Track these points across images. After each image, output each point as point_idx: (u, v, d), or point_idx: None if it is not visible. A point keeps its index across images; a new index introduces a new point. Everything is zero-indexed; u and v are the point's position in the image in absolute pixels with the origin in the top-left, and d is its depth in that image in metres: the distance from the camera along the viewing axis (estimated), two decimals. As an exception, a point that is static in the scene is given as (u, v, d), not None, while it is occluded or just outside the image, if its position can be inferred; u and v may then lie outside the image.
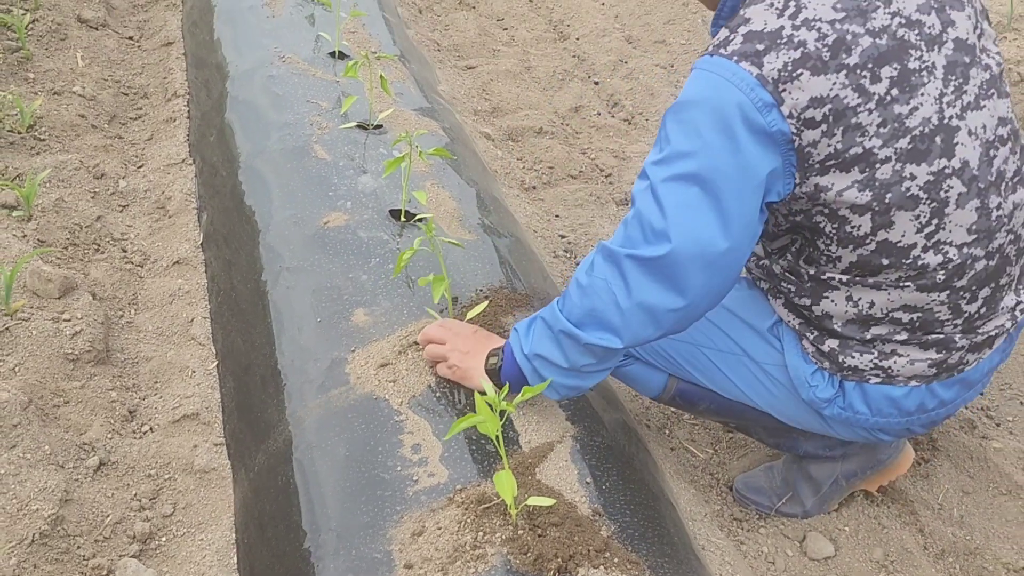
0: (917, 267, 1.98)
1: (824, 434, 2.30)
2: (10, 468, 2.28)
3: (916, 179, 1.91)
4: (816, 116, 1.85)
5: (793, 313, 2.19)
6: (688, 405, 2.37)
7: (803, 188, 1.93)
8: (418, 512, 1.99)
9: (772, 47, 1.86)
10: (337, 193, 2.91)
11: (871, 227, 1.95)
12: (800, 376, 2.17)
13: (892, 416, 2.15)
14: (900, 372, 2.10)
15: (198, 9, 4.37)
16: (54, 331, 2.68)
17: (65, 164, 3.42)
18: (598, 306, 1.98)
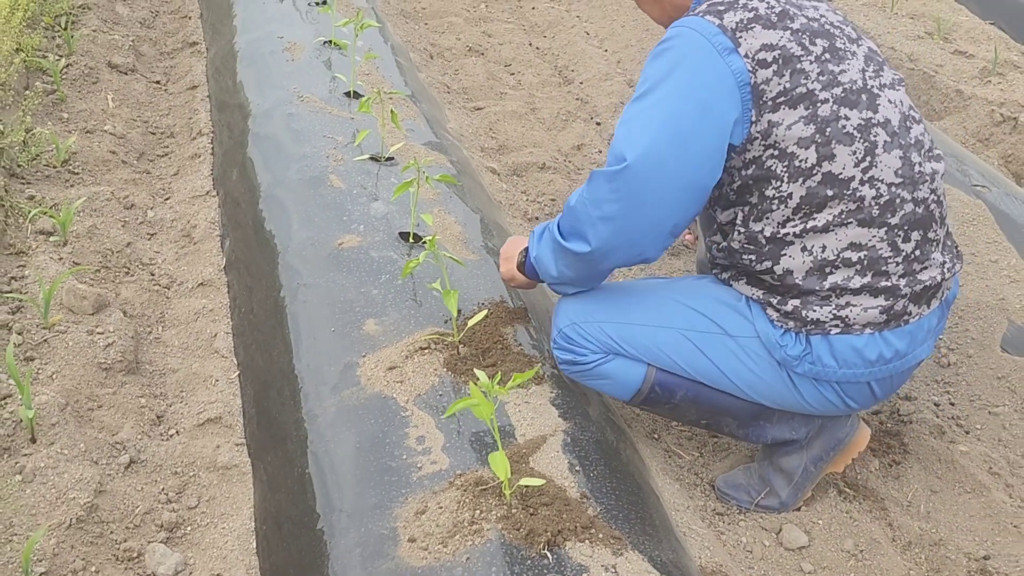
0: (856, 198, 2.30)
1: (793, 409, 2.51)
2: (49, 462, 2.49)
3: (850, 120, 2.29)
4: (767, 58, 2.26)
5: (756, 287, 2.44)
6: (666, 396, 2.50)
7: (758, 127, 2.28)
8: (421, 494, 2.19)
9: (731, 8, 2.32)
10: (351, 218, 3.14)
11: (816, 158, 2.28)
12: (771, 339, 2.40)
13: (857, 367, 2.38)
14: (856, 320, 2.34)
15: (221, 55, 4.63)
16: (88, 343, 2.91)
17: (97, 195, 3.66)
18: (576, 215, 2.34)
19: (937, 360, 3.22)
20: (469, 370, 2.54)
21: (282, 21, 4.61)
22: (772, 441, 2.63)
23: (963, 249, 3.54)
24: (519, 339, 2.69)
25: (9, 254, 3.27)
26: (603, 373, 2.49)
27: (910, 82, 5.24)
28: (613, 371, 2.48)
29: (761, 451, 2.73)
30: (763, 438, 2.62)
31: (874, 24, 5.72)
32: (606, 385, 2.52)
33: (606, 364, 2.48)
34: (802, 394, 2.44)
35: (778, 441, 2.63)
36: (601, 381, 2.51)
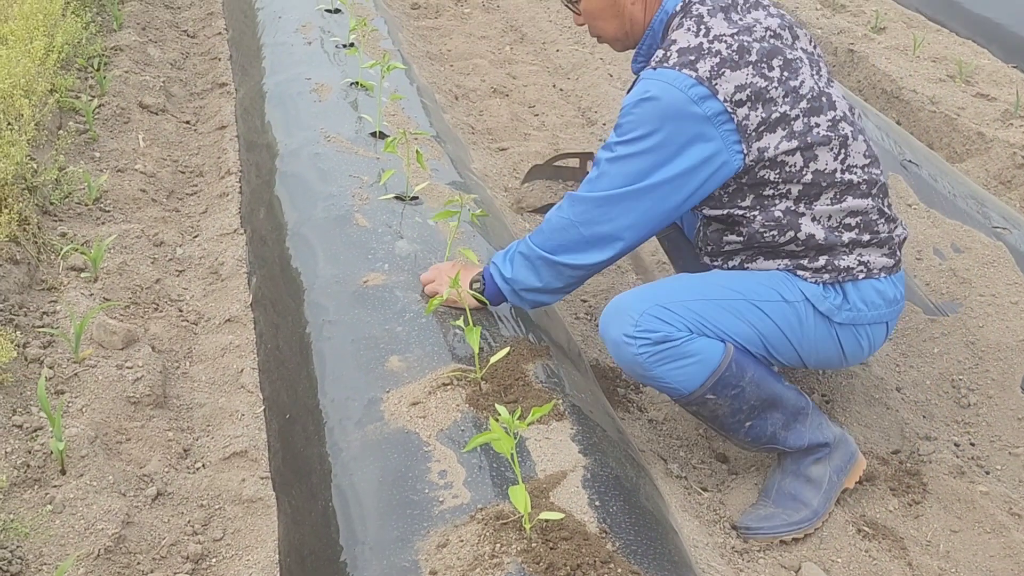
0: (844, 183, 2.70)
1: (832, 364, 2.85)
2: (78, 493, 2.54)
3: (820, 126, 2.67)
4: (742, 97, 2.57)
5: (776, 259, 2.77)
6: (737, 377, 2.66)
7: (750, 157, 2.61)
8: (443, 528, 2.22)
9: (699, 57, 2.60)
10: (376, 256, 3.19)
11: (803, 162, 2.65)
12: (815, 294, 2.72)
13: (880, 308, 2.77)
14: (874, 265, 2.75)
15: (250, 96, 4.72)
16: (118, 377, 2.96)
17: (128, 233, 3.73)
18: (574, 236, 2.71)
19: (957, 400, 3.24)
20: (491, 406, 2.57)
21: (310, 63, 4.69)
22: (805, 444, 2.78)
23: (984, 290, 3.56)
24: (540, 376, 2.73)
25: (41, 290, 3.34)
26: (689, 351, 2.63)
27: (932, 125, 5.28)
28: (699, 348, 2.64)
29: (777, 474, 2.85)
30: (799, 442, 2.78)
31: (896, 67, 5.76)
32: (685, 365, 2.64)
33: (694, 342, 2.63)
34: (842, 344, 2.77)
35: (810, 444, 2.79)
36: (682, 361, 2.64)
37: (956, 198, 4.06)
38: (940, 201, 4.04)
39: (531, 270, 2.77)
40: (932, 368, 3.37)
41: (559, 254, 2.73)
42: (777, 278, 2.74)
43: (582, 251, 2.72)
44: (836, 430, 2.84)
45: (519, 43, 6.32)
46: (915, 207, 4.00)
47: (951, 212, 3.96)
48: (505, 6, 6.91)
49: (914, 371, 3.38)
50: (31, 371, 2.95)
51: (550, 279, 2.77)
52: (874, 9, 6.72)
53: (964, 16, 6.57)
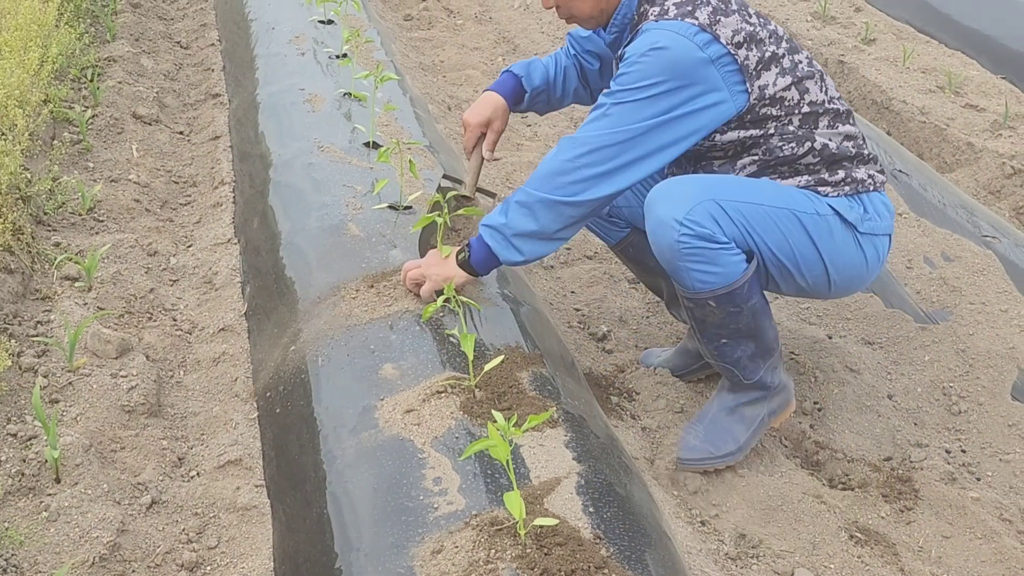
0: (832, 111, 2.90)
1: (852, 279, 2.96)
2: (73, 501, 2.55)
3: (802, 62, 2.88)
4: (740, 39, 2.74)
5: (799, 175, 2.89)
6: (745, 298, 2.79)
7: (753, 95, 2.77)
8: (437, 534, 2.23)
9: (695, 7, 2.75)
10: (370, 265, 3.20)
11: (798, 95, 2.84)
12: (843, 206, 2.85)
13: (887, 219, 2.95)
14: (877, 179, 2.95)
15: (244, 107, 4.73)
16: (112, 385, 2.97)
17: (121, 243, 3.74)
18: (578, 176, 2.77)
19: (948, 408, 3.26)
20: (485, 413, 2.58)
21: (303, 74, 4.71)
22: (756, 381, 2.96)
23: (974, 299, 3.59)
24: (534, 384, 2.74)
25: (35, 299, 3.34)
26: (720, 260, 2.73)
27: (921, 135, 5.31)
28: (728, 261, 2.74)
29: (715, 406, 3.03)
30: (753, 375, 2.95)
31: (886, 78, 5.80)
32: (710, 271, 2.74)
33: (728, 252, 2.74)
34: (865, 254, 2.90)
35: (759, 383, 2.97)
36: (710, 266, 2.74)
37: (946, 207, 4.08)
38: (930, 210, 4.06)
39: (528, 215, 2.80)
40: (923, 376, 3.39)
41: (559, 194, 2.77)
42: (805, 192, 2.87)
43: (584, 190, 2.77)
44: (783, 378, 3.03)
45: (511, 54, 6.34)
46: (905, 216, 4.03)
47: (941, 221, 3.99)
48: (498, 18, 6.94)
49: (905, 379, 3.40)
50: (26, 380, 2.96)
51: (548, 221, 2.80)
52: (864, 21, 6.76)
53: (953, 27, 6.61)
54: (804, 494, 2.91)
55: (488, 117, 3.28)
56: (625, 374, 3.41)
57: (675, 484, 2.95)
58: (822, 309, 3.76)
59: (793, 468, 3.03)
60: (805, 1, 7.10)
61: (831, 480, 3.01)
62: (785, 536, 2.77)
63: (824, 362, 3.46)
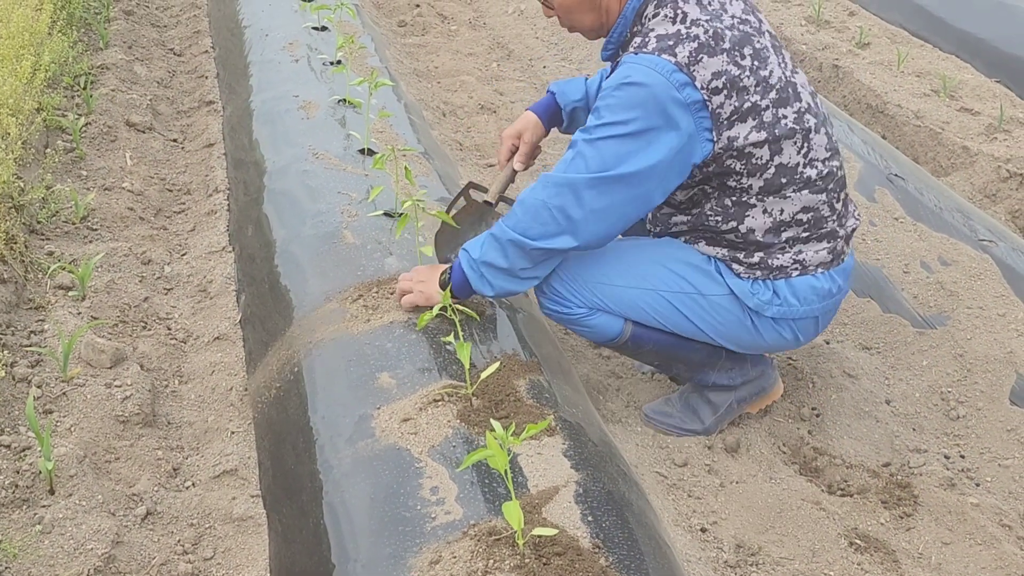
0: (803, 179, 2.77)
1: (751, 350, 2.99)
2: (67, 513, 2.53)
3: (787, 117, 2.73)
4: (719, 85, 2.63)
5: (717, 246, 2.88)
6: (635, 347, 2.99)
7: (719, 145, 2.68)
8: (435, 544, 2.22)
9: (678, 42, 2.64)
10: (365, 273, 3.19)
11: (769, 155, 2.72)
12: (743, 291, 2.84)
13: (813, 303, 2.87)
14: (811, 262, 2.84)
15: (238, 114, 4.71)
16: (106, 396, 2.95)
17: (115, 251, 3.72)
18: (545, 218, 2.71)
19: (946, 413, 3.25)
20: (482, 422, 2.57)
21: (297, 81, 4.70)
22: (711, 383, 3.07)
23: (971, 303, 3.57)
24: (531, 391, 2.72)
25: (29, 308, 3.32)
26: (586, 324, 2.93)
27: (917, 139, 5.31)
28: (595, 323, 2.92)
29: (690, 385, 3.15)
30: (705, 381, 3.07)
31: (881, 82, 5.79)
32: (586, 332, 2.97)
33: (590, 318, 2.91)
34: (762, 335, 2.90)
35: (717, 384, 3.06)
36: (582, 329, 2.96)
37: (942, 211, 4.07)
38: (926, 215, 4.05)
39: (499, 250, 2.77)
40: (921, 381, 3.38)
41: (529, 236, 2.73)
42: (703, 269, 2.88)
43: (552, 236, 2.73)
44: (753, 371, 3.09)
45: (506, 60, 6.34)
46: (902, 220, 4.02)
47: (937, 225, 3.98)
48: (492, 23, 6.93)
49: (903, 384, 3.38)
50: (19, 390, 2.94)
51: (517, 259, 2.77)
52: (858, 25, 6.75)
53: (947, 31, 6.61)
54: (803, 501, 2.89)
55: (519, 130, 3.32)
56: (622, 380, 3.40)
57: (674, 488, 2.93)
58: (819, 314, 3.75)
59: (792, 475, 3.02)
60: (799, 5, 7.09)
61: (830, 486, 3.00)
62: (784, 543, 2.76)
63: (822, 367, 3.45)
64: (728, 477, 2.99)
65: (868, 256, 3.85)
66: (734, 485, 2.95)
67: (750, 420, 3.22)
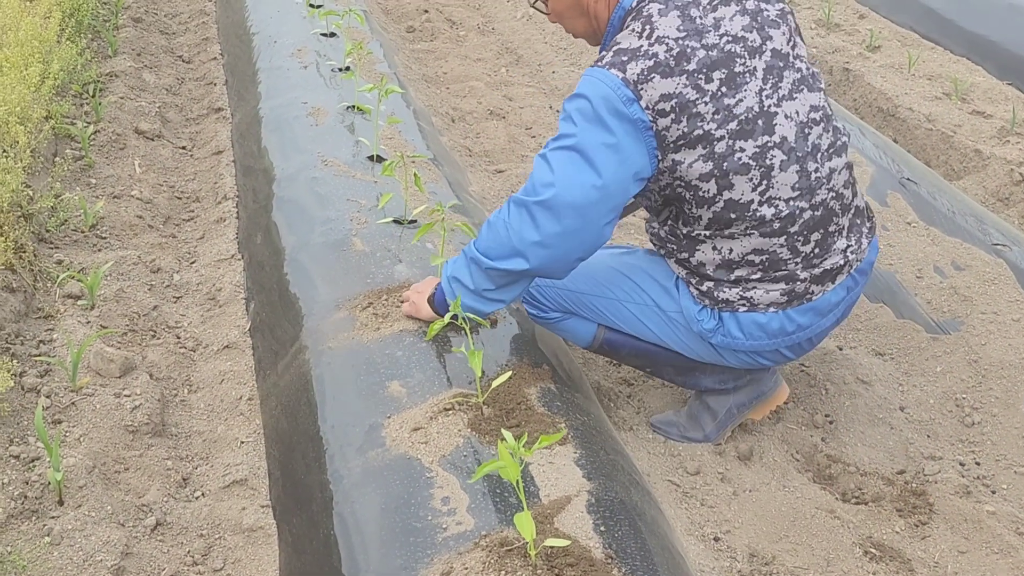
0: (756, 218, 2.66)
1: (718, 364, 2.95)
2: (76, 524, 2.51)
3: (745, 151, 2.60)
4: (666, 107, 2.54)
5: (680, 266, 2.87)
6: (613, 351, 3.05)
7: (664, 163, 2.62)
8: (447, 555, 2.20)
9: (633, 58, 2.56)
10: (375, 280, 3.17)
11: (716, 189, 2.63)
12: (690, 314, 2.84)
13: (761, 339, 2.81)
14: (760, 301, 2.76)
15: (246, 121, 4.71)
16: (116, 405, 2.94)
17: (124, 259, 3.71)
18: (503, 238, 2.64)
19: (961, 419, 3.22)
20: (493, 431, 2.55)
21: (306, 87, 4.69)
22: (705, 388, 3.07)
23: (985, 308, 3.55)
24: (542, 399, 2.70)
25: (38, 318, 3.31)
26: (563, 327, 3.03)
27: (928, 142, 5.28)
28: (570, 327, 3.02)
29: (692, 396, 3.15)
30: (698, 385, 3.08)
31: (892, 86, 5.77)
32: (567, 335, 3.06)
33: (565, 321, 3.00)
34: (724, 357, 2.89)
35: (710, 389, 3.06)
36: (562, 332, 3.05)
37: (955, 215, 4.05)
38: (939, 219, 4.02)
39: (466, 269, 2.73)
40: (935, 387, 3.35)
41: (490, 256, 2.67)
42: (664, 285, 2.90)
43: (508, 256, 2.65)
44: (749, 374, 3.03)
45: (515, 65, 6.32)
46: (914, 225, 3.99)
47: (951, 230, 3.95)
48: (500, 28, 6.92)
49: (917, 390, 3.36)
50: (28, 400, 2.93)
51: (480, 280, 2.71)
52: (868, 28, 6.73)
53: (958, 34, 6.58)
54: (817, 509, 2.87)
55: None
56: (633, 387, 3.38)
57: (686, 497, 2.91)
58: (832, 320, 3.72)
59: (805, 483, 2.99)
60: (809, 9, 7.07)
61: (844, 494, 2.97)
62: (799, 552, 2.73)
63: (835, 374, 3.42)
64: (741, 485, 2.96)
65: (881, 261, 3.82)
66: (747, 493, 2.93)
67: (762, 427, 3.19)
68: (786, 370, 3.44)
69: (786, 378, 3.41)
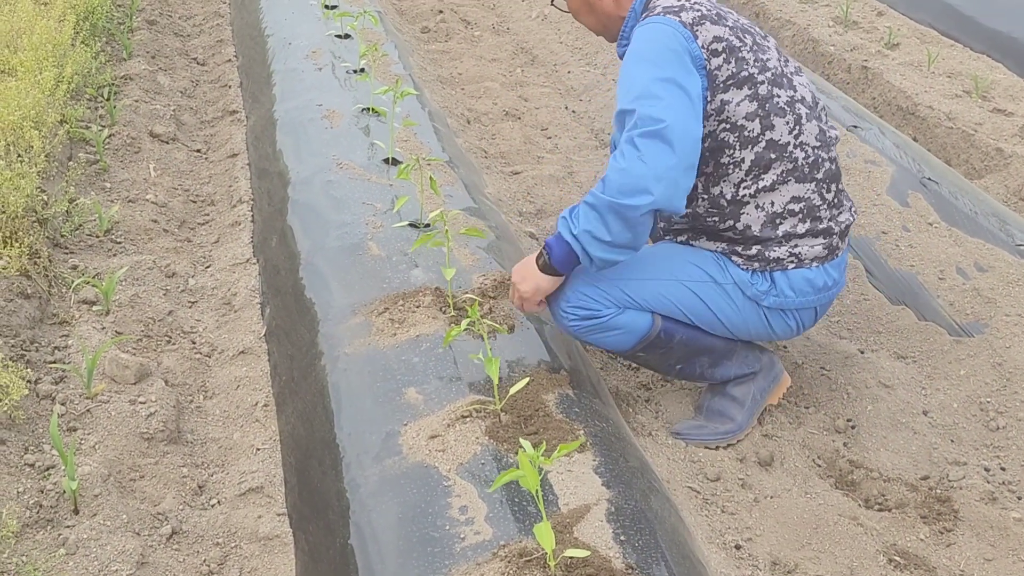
0: (792, 159, 2.90)
1: (763, 339, 3.11)
2: (92, 533, 2.49)
3: (781, 97, 2.90)
4: (718, 48, 2.81)
5: (716, 241, 3.01)
6: (666, 340, 3.00)
7: (712, 105, 2.83)
8: (464, 566, 2.17)
9: (683, 9, 2.85)
10: (390, 285, 3.15)
11: (760, 129, 2.86)
12: (743, 280, 2.96)
13: (808, 295, 2.98)
14: (806, 256, 2.95)
15: (261, 123, 4.69)
16: (131, 412, 2.92)
17: (139, 264, 3.69)
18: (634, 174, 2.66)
19: (986, 424, 3.17)
20: (511, 438, 2.52)
21: (320, 89, 4.66)
22: (732, 376, 3.14)
23: (1009, 310, 3.50)
24: (560, 406, 2.68)
25: (53, 324, 3.30)
26: (616, 324, 2.93)
27: (949, 141, 5.23)
28: (625, 322, 2.94)
29: (707, 394, 3.22)
30: (726, 375, 3.14)
31: (911, 84, 5.71)
32: (615, 335, 2.96)
33: (620, 316, 2.93)
34: (771, 324, 3.01)
35: (736, 376, 3.14)
36: (611, 332, 2.94)
37: (977, 216, 4.00)
38: (961, 219, 3.97)
39: (599, 220, 2.71)
40: (959, 391, 3.30)
41: (622, 197, 2.66)
42: (711, 260, 2.99)
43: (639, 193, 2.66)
44: (764, 358, 3.17)
45: (530, 65, 6.29)
46: (936, 226, 3.94)
47: (973, 230, 3.90)
48: (515, 28, 6.89)
49: (940, 394, 3.31)
50: (43, 408, 2.91)
51: (619, 229, 2.71)
52: (887, 25, 6.67)
53: (977, 30, 6.51)
54: (840, 516, 2.83)
55: None
56: (652, 392, 3.34)
57: (707, 504, 2.87)
58: (852, 323, 3.67)
59: (827, 489, 2.95)
60: (827, 6, 7.01)
61: (867, 501, 2.93)
62: (821, 560, 2.69)
63: (856, 378, 3.37)
64: (762, 492, 2.92)
65: (902, 262, 3.78)
66: (768, 500, 2.89)
67: (783, 432, 3.16)
68: (807, 373, 3.41)
69: (806, 382, 3.38)
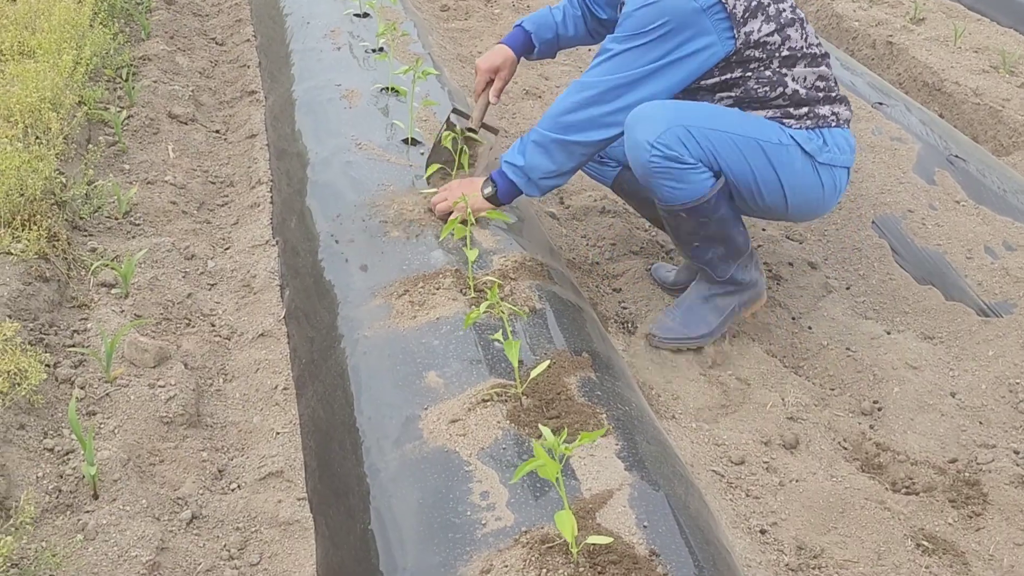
0: (810, 55, 3.21)
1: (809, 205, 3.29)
2: (111, 519, 2.48)
3: (785, 11, 3.17)
4: None
5: (769, 108, 3.21)
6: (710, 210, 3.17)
7: (739, 40, 3.09)
8: (486, 552, 2.14)
9: None
10: (411, 266, 3.12)
11: (780, 40, 3.14)
12: (803, 137, 3.17)
13: (847, 153, 3.26)
14: (842, 116, 3.26)
15: (280, 104, 4.65)
16: (150, 396, 2.90)
17: (158, 247, 3.67)
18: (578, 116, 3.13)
19: (1015, 405, 3.12)
20: (532, 422, 2.49)
21: (339, 69, 4.63)
22: (727, 278, 3.36)
23: (1038, 289, 3.45)
24: (582, 389, 2.64)
25: (71, 307, 3.28)
26: (687, 178, 3.10)
27: (976, 117, 5.15)
28: (695, 179, 3.11)
29: (694, 294, 3.43)
30: (724, 273, 3.35)
31: (937, 59, 5.63)
32: (676, 187, 3.13)
33: (695, 171, 3.10)
34: (822, 181, 3.22)
35: (731, 279, 3.36)
36: (676, 183, 3.11)
37: (1006, 194, 3.93)
38: (989, 197, 3.91)
39: (544, 155, 3.19)
40: (987, 372, 3.25)
41: (571, 134, 3.15)
42: (772, 125, 3.19)
43: (593, 129, 3.14)
44: (754, 275, 3.40)
45: (550, 43, 6.22)
46: (963, 204, 3.89)
47: (1001, 208, 3.84)
48: (535, 5, 6.82)
49: (968, 375, 3.26)
50: (62, 392, 2.90)
51: (563, 160, 3.20)
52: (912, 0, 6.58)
53: (1005, 4, 6.43)
54: (866, 500, 2.79)
55: (497, 65, 3.62)
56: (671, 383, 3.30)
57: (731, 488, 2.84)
58: (879, 303, 3.63)
59: (854, 472, 2.91)
60: (850, -19, 6.92)
61: (894, 484, 2.89)
62: (848, 545, 2.66)
63: (882, 359, 3.33)
64: (787, 475, 2.89)
65: (929, 241, 3.73)
66: (794, 483, 2.85)
67: (808, 415, 3.12)
68: (832, 354, 3.36)
69: (831, 363, 3.34)
